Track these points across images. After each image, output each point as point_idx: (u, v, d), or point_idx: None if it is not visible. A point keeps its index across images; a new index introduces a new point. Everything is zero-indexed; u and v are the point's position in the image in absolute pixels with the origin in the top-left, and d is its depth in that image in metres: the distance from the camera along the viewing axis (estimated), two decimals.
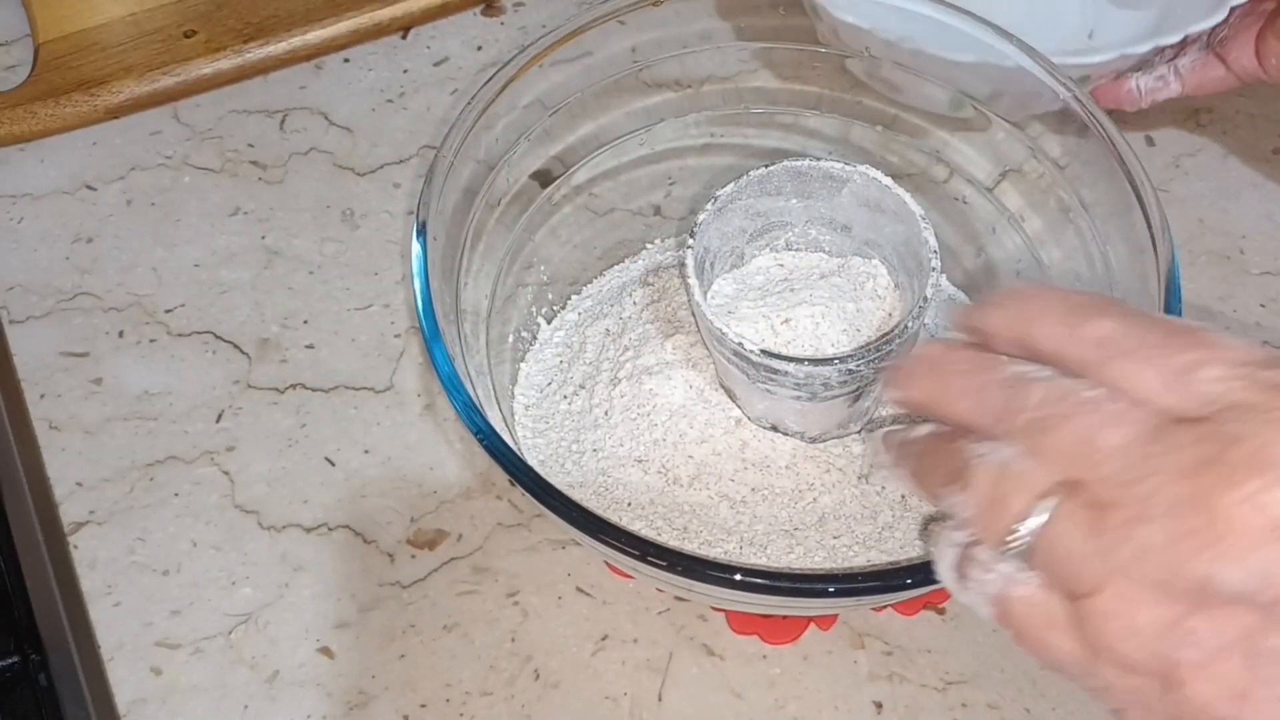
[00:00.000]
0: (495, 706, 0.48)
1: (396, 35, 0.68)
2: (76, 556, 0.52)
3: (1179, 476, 0.27)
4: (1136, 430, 0.29)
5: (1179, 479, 0.27)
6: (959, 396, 0.33)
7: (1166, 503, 0.27)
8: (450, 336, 0.45)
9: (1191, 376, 0.28)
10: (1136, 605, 0.28)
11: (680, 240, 0.59)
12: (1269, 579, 0.26)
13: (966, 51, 0.50)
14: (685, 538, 0.46)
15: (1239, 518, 0.26)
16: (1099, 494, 0.29)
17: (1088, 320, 0.30)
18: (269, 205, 0.62)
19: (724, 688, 0.49)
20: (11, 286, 0.59)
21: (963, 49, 0.50)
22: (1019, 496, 0.30)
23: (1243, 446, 0.27)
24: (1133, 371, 0.29)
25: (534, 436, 0.51)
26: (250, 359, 0.57)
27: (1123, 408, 0.29)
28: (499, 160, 0.52)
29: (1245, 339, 0.29)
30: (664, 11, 0.52)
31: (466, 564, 0.51)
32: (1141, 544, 0.27)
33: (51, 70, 0.64)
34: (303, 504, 0.53)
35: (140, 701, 0.48)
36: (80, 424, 0.55)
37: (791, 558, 0.46)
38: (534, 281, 0.55)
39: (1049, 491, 0.30)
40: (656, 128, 0.57)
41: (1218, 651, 0.27)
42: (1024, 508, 0.30)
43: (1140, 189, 0.47)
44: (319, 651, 0.50)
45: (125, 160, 0.63)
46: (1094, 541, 0.28)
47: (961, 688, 0.49)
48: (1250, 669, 0.27)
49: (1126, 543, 0.28)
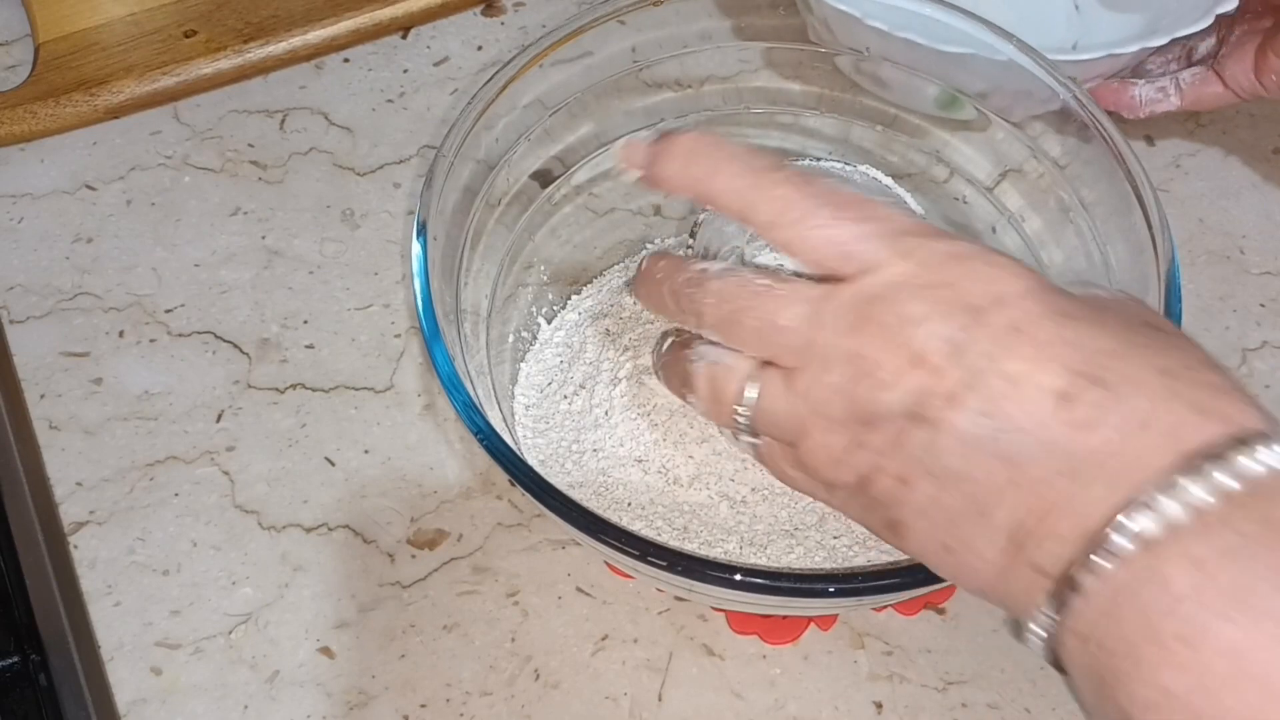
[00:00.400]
0: (495, 706, 0.48)
1: (396, 35, 0.68)
2: (76, 556, 0.52)
3: (843, 334, 0.34)
4: (805, 306, 0.34)
5: (843, 337, 0.34)
6: (663, 303, 0.38)
7: (836, 358, 0.34)
8: (450, 336, 0.45)
9: (850, 249, 0.34)
10: (828, 438, 0.34)
11: (680, 240, 0.59)
12: (910, 397, 0.32)
13: (958, 44, 0.50)
14: (685, 538, 0.46)
15: (886, 358, 0.33)
16: (788, 364, 0.35)
17: (769, 186, 0.35)
18: (269, 205, 0.62)
19: (724, 688, 0.49)
20: (11, 286, 0.59)
21: (955, 41, 0.50)
22: (729, 386, 0.37)
23: (883, 302, 0.33)
24: (801, 242, 0.35)
25: (534, 436, 0.51)
26: (250, 359, 0.57)
27: (790, 288, 0.35)
28: (499, 160, 0.52)
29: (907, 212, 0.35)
30: (664, 11, 0.52)
31: (466, 564, 0.51)
32: (823, 394, 0.34)
33: (51, 70, 0.64)
34: (303, 504, 0.53)
35: (140, 701, 0.48)
36: (80, 424, 0.55)
37: (792, 558, 0.46)
38: (534, 281, 0.55)
39: (751, 374, 0.36)
40: (656, 128, 0.57)
41: (882, 453, 0.33)
42: (736, 393, 0.36)
43: (1140, 189, 0.47)
44: (319, 651, 0.50)
45: (125, 160, 0.63)
46: (791, 401, 0.35)
47: (962, 688, 0.49)
48: (904, 462, 0.33)
49: (812, 395, 0.34)
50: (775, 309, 0.35)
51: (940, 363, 0.32)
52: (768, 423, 0.36)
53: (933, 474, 0.33)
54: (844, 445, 0.34)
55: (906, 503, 0.33)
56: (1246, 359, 0.58)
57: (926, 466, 0.33)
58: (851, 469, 0.34)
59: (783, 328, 0.35)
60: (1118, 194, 0.48)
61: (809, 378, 0.34)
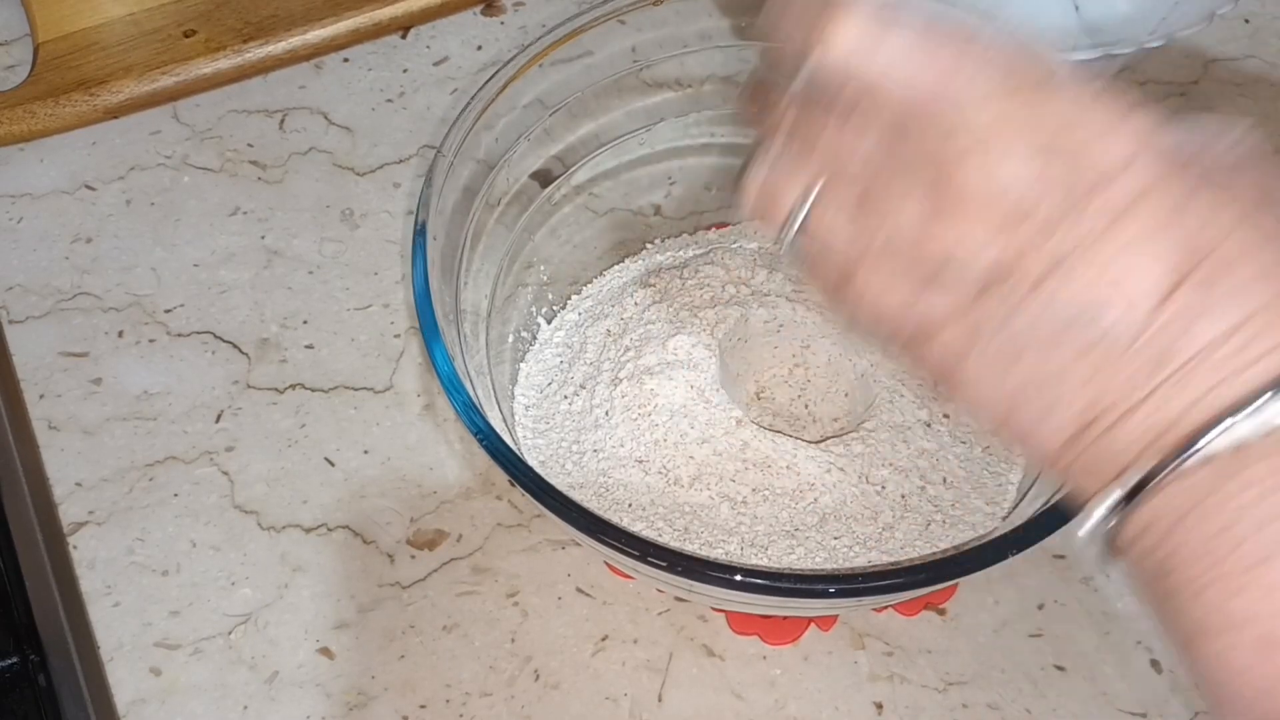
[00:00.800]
0: (495, 707, 0.48)
1: (396, 35, 0.68)
2: (76, 557, 0.52)
3: (927, 171, 0.31)
4: (889, 120, 0.31)
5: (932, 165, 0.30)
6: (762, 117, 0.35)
7: (918, 186, 0.31)
8: (450, 336, 0.45)
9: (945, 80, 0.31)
10: (889, 280, 0.32)
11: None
12: (997, 258, 0.30)
13: None
14: (686, 538, 0.46)
15: (974, 210, 0.30)
16: (858, 183, 0.32)
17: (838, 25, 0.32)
18: (269, 205, 0.62)
19: (724, 688, 0.49)
20: (11, 286, 0.59)
21: None
22: (788, 193, 0.34)
23: (980, 147, 0.30)
24: (882, 70, 0.31)
25: (534, 437, 0.51)
26: (250, 359, 0.57)
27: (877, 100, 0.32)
28: (499, 160, 0.52)
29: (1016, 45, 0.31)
30: (664, 11, 0.52)
31: (466, 564, 0.51)
32: (895, 223, 0.31)
33: (51, 70, 0.64)
34: (302, 504, 0.53)
35: (140, 702, 0.48)
36: (80, 424, 0.55)
37: (792, 558, 0.46)
38: (534, 281, 0.55)
39: (812, 184, 0.33)
40: (656, 128, 0.57)
41: (952, 311, 0.31)
42: (793, 200, 0.33)
43: None
44: (319, 652, 0.49)
45: (125, 160, 0.63)
46: (853, 225, 0.32)
47: (962, 688, 0.49)
48: (977, 324, 0.31)
49: (882, 225, 0.32)
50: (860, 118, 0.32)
51: (1034, 229, 0.29)
52: (820, 236, 0.33)
53: (1010, 341, 0.30)
54: (907, 293, 0.32)
55: (970, 362, 0.31)
56: None
57: (1003, 333, 0.30)
58: (913, 318, 0.32)
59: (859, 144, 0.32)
60: None
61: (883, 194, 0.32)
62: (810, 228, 0.33)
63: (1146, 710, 0.48)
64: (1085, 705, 0.48)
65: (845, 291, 0.33)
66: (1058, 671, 0.49)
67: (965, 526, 0.48)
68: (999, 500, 0.49)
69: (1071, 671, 0.49)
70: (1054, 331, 0.30)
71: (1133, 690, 0.48)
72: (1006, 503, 0.49)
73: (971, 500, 0.48)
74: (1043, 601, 0.50)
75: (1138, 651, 0.49)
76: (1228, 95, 0.66)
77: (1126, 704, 0.48)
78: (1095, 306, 0.29)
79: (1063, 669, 0.49)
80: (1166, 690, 0.48)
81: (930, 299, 0.31)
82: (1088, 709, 0.48)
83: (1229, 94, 0.66)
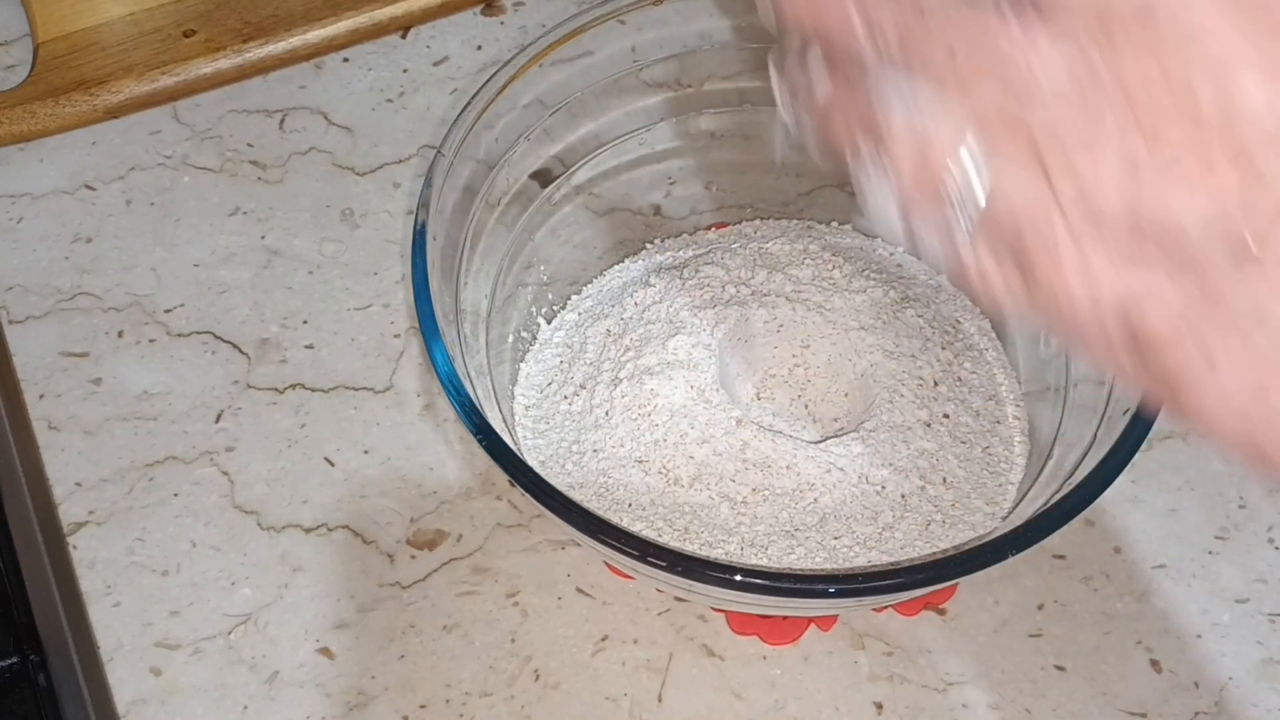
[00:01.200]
0: (495, 707, 0.48)
1: (396, 35, 0.68)
2: (76, 557, 0.52)
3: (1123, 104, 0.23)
4: (1065, 60, 0.24)
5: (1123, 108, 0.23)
6: (847, 22, 0.27)
7: (1110, 137, 0.23)
8: (450, 336, 0.45)
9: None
10: (1084, 247, 0.24)
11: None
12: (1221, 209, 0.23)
13: None
14: (686, 538, 0.46)
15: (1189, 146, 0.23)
16: (1032, 135, 0.24)
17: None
18: (269, 205, 0.62)
19: (724, 688, 0.49)
20: (11, 286, 0.59)
21: None
22: (940, 144, 0.25)
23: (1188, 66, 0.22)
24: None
25: (534, 437, 0.51)
26: (250, 359, 0.57)
27: (1045, 32, 0.24)
28: (499, 160, 0.52)
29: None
30: (664, 11, 0.52)
31: (466, 564, 0.51)
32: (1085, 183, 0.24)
33: (51, 70, 0.64)
34: (302, 504, 0.53)
35: (140, 702, 0.48)
36: (80, 424, 0.55)
37: (792, 559, 0.46)
38: (534, 281, 0.55)
39: (980, 129, 0.25)
40: (656, 128, 0.57)
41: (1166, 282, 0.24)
42: (948, 155, 0.25)
43: None
44: (319, 652, 0.49)
45: (125, 160, 0.63)
46: (1034, 186, 0.25)
47: (962, 688, 0.49)
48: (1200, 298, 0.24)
49: (1067, 183, 0.24)
50: (1025, 60, 0.24)
51: (1271, 165, 0.22)
52: (992, 211, 0.25)
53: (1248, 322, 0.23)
54: (1107, 262, 0.24)
55: (1195, 351, 0.24)
56: None
57: (1236, 310, 0.23)
58: (1114, 298, 0.25)
59: (1034, 88, 0.24)
60: None
61: (1065, 158, 0.24)
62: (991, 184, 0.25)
63: (1146, 710, 0.48)
64: (1085, 705, 0.48)
65: (1031, 259, 0.25)
66: (1058, 671, 0.49)
67: (965, 526, 0.48)
68: (999, 500, 0.49)
69: (1071, 671, 0.49)
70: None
71: (1133, 690, 0.48)
72: (1006, 503, 0.49)
73: (971, 500, 0.48)
74: (1043, 601, 0.50)
75: (1138, 651, 0.49)
76: None
77: (1126, 704, 0.48)
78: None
79: (1063, 669, 0.49)
80: (1166, 690, 0.48)
81: (1146, 259, 0.24)
82: (1088, 709, 0.48)
83: None
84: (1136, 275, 0.24)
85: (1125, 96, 0.23)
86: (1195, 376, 0.24)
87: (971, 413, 0.51)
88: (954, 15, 0.25)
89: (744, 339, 0.52)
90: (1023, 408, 0.52)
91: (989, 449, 0.50)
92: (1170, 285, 0.24)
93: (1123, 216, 0.24)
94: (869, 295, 0.52)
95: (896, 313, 0.52)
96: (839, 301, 0.52)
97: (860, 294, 0.52)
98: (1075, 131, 0.24)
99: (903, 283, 0.54)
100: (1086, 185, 0.24)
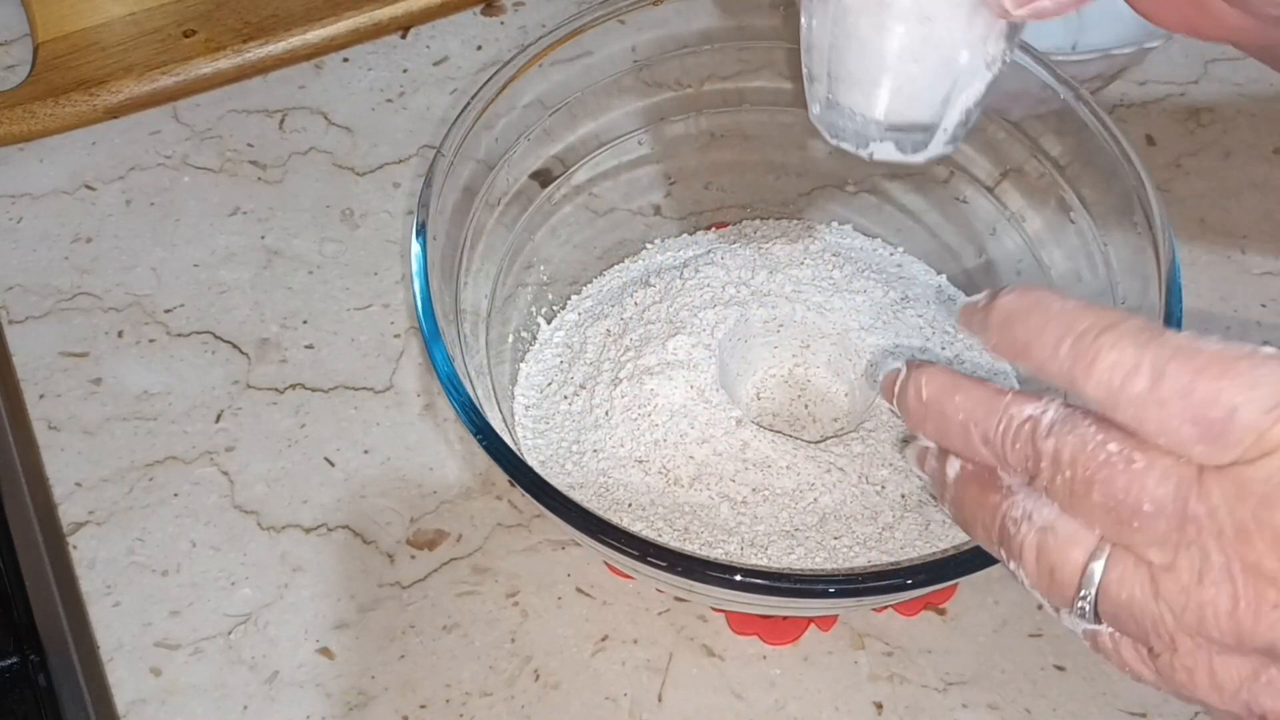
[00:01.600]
0: (495, 707, 0.48)
1: (396, 35, 0.68)
2: (76, 557, 0.52)
3: (1230, 536, 0.27)
4: (1172, 487, 0.28)
5: (1230, 539, 0.27)
6: (970, 444, 0.32)
7: (1220, 565, 0.28)
8: (450, 336, 0.45)
9: (1221, 425, 0.27)
10: (1212, 663, 0.29)
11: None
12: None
13: None
14: (686, 538, 0.46)
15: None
16: (1149, 556, 0.29)
17: (1099, 352, 0.29)
18: (269, 205, 0.62)
19: (724, 688, 0.49)
20: (11, 286, 0.59)
21: None
22: (1069, 565, 0.31)
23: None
24: (1157, 419, 0.28)
25: (534, 437, 0.51)
26: (250, 359, 0.57)
27: (1150, 460, 0.29)
28: (499, 160, 0.52)
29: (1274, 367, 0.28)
30: (664, 11, 0.52)
31: (466, 564, 0.51)
32: (1203, 611, 0.28)
33: (51, 70, 0.64)
34: (302, 504, 0.53)
35: (140, 702, 0.48)
36: (80, 424, 0.55)
37: (792, 558, 0.46)
38: (534, 281, 0.55)
39: (1096, 552, 0.30)
40: (656, 128, 0.57)
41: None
42: (1075, 574, 0.31)
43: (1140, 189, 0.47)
44: (319, 652, 0.49)
45: (125, 160, 0.63)
46: (1153, 602, 0.29)
47: (962, 688, 0.49)
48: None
49: (1188, 608, 0.28)
50: (1133, 486, 0.29)
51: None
52: (1116, 615, 0.31)
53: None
54: (1233, 675, 0.29)
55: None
56: None
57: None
58: (1242, 703, 0.29)
59: (1145, 513, 0.29)
60: (1118, 194, 0.48)
61: (1181, 581, 0.28)
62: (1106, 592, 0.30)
63: (1146, 710, 0.48)
64: (1085, 705, 0.48)
65: (1160, 661, 0.30)
66: (1058, 671, 0.49)
67: None
68: None
69: (1071, 671, 0.49)
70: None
71: (1133, 690, 0.48)
72: None
73: None
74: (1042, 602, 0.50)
75: None
76: (1228, 95, 0.66)
77: (1126, 704, 0.48)
78: None
79: (1063, 669, 0.49)
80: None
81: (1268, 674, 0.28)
82: (1088, 709, 0.48)
83: (1229, 94, 0.66)
84: (1250, 671, 0.28)
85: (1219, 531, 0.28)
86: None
87: None
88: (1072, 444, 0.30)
89: (744, 339, 0.52)
90: None
91: None
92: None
93: (1230, 634, 0.28)
94: (869, 295, 0.52)
95: (896, 313, 0.52)
96: (839, 301, 0.52)
97: (860, 294, 0.52)
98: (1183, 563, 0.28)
99: (903, 282, 0.54)
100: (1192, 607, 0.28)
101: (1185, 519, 0.28)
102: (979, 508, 0.33)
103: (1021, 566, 0.32)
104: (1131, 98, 0.65)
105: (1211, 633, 0.28)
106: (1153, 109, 0.65)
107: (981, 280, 0.55)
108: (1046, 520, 0.31)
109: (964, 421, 0.32)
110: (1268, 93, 0.66)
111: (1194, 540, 0.28)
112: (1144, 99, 0.65)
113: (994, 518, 0.32)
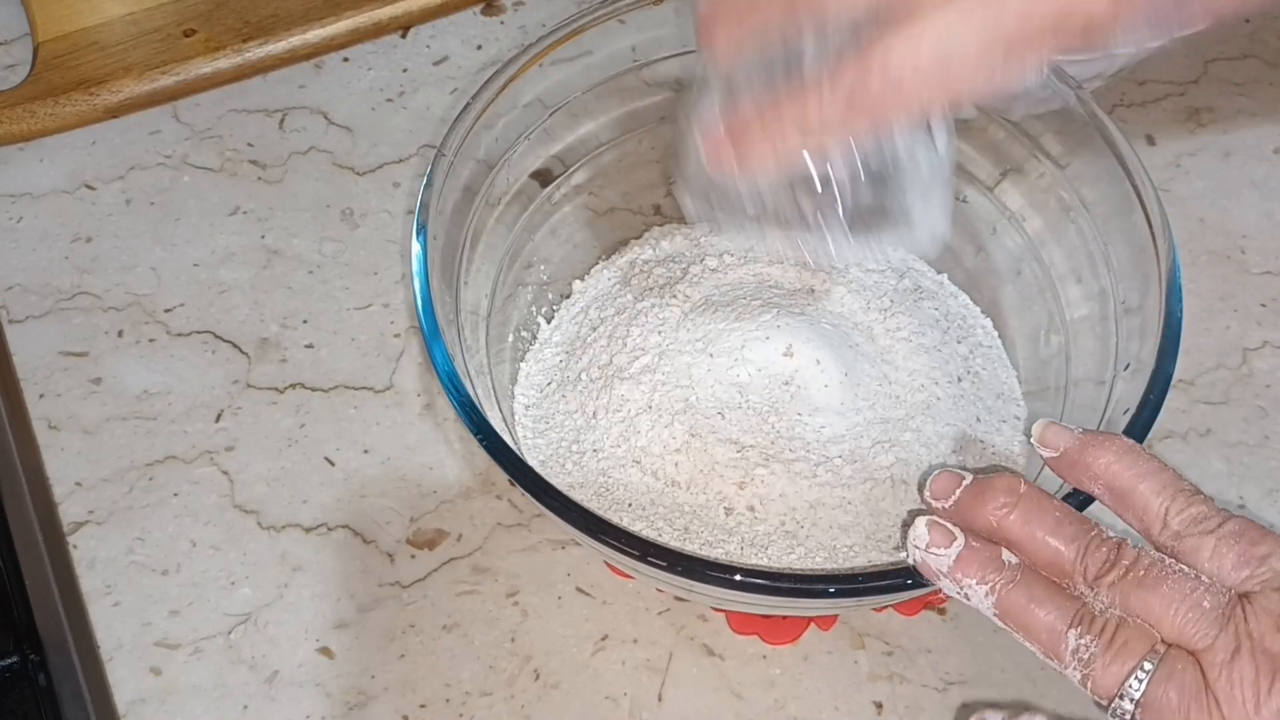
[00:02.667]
0: (495, 706, 0.48)
1: (396, 34, 0.68)
2: (76, 556, 0.52)
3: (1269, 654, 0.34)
4: (1217, 601, 0.36)
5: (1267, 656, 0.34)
6: (1047, 543, 0.38)
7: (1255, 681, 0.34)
8: (450, 336, 0.45)
9: (1261, 562, 0.36)
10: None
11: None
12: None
13: None
14: (686, 538, 0.46)
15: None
16: (1196, 660, 0.35)
17: (1188, 501, 0.38)
18: (268, 205, 0.62)
19: (724, 688, 0.49)
20: (11, 286, 0.59)
21: None
22: (1122, 661, 0.36)
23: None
24: (1212, 549, 0.36)
25: (534, 436, 0.51)
26: (250, 359, 0.57)
27: (1202, 582, 0.36)
28: (499, 160, 0.52)
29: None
30: (664, 11, 0.52)
31: (466, 564, 0.51)
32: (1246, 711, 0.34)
33: (51, 69, 0.64)
34: (302, 504, 0.53)
35: (139, 701, 0.48)
36: (80, 424, 0.55)
37: (792, 558, 0.46)
38: (534, 281, 0.55)
39: (1149, 654, 0.36)
40: (656, 128, 0.56)
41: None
42: (1127, 672, 0.36)
43: (1140, 189, 0.47)
44: (319, 651, 0.49)
45: (125, 160, 0.63)
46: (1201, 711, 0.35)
47: (962, 688, 0.49)
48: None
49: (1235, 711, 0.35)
50: (1189, 593, 0.36)
51: None
52: (1159, 709, 0.36)
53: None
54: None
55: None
56: (1247, 359, 0.57)
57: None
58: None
59: (1199, 620, 0.36)
60: (1118, 193, 0.48)
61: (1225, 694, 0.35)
62: (1149, 694, 0.36)
63: None
64: (1085, 705, 0.48)
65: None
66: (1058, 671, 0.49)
67: None
68: None
69: None
70: None
71: None
72: None
73: None
74: None
75: None
76: (1227, 95, 0.66)
77: None
78: None
79: None
80: None
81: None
82: (1088, 709, 0.48)
83: (1229, 94, 0.66)
84: None
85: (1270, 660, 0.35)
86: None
87: (985, 409, 0.51)
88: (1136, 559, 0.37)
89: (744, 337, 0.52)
90: (1023, 407, 0.52)
91: (993, 448, 0.50)
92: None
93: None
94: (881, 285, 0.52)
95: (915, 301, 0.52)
96: (839, 300, 0.52)
97: (861, 294, 0.52)
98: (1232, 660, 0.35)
99: (914, 274, 0.54)
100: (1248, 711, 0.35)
101: (1231, 632, 0.35)
102: (1038, 624, 0.39)
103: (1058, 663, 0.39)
104: (1131, 98, 0.65)
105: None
106: (1153, 109, 0.65)
107: (982, 280, 0.55)
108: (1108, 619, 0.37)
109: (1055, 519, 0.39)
110: (1268, 93, 0.66)
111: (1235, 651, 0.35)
112: (1144, 99, 0.65)
113: (1051, 628, 0.38)
